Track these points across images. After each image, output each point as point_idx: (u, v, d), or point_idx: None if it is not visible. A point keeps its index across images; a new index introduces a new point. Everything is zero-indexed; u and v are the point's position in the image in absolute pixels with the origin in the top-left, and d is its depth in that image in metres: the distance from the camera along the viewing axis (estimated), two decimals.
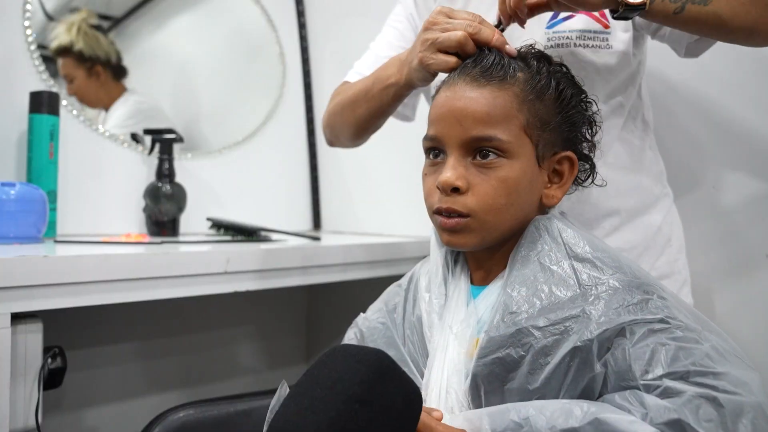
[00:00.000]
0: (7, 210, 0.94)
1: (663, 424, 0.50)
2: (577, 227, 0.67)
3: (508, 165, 0.64)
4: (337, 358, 0.54)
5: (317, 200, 1.66)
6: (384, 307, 0.79)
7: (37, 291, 0.76)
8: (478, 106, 0.64)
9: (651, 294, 0.58)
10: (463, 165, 0.65)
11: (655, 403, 0.51)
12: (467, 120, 0.64)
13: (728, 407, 0.50)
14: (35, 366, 0.80)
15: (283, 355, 1.61)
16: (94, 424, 1.26)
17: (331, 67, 1.63)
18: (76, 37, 1.29)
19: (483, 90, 0.64)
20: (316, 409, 0.50)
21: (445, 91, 0.67)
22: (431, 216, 0.69)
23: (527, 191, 0.66)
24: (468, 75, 0.66)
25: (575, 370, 0.57)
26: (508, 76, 0.65)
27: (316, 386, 0.52)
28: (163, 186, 1.25)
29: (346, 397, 0.50)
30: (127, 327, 1.30)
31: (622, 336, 0.56)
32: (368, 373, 0.52)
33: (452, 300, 0.69)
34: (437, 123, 0.67)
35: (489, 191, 0.64)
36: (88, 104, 1.30)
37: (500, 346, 0.60)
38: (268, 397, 0.90)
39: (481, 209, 0.64)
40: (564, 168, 0.68)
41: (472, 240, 0.66)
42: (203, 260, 0.93)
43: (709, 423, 0.50)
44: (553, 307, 0.59)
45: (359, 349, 0.56)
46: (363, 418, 0.50)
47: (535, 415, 0.54)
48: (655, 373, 0.53)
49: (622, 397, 0.53)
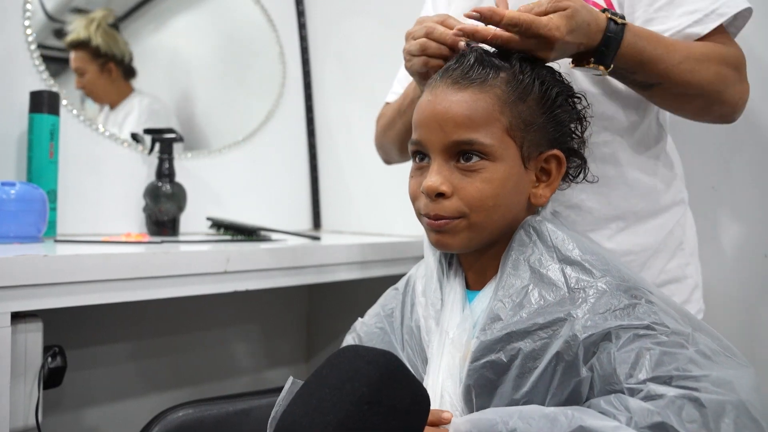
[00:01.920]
0: (8, 209, 0.94)
1: (647, 427, 0.50)
2: (567, 228, 0.66)
3: (492, 167, 0.63)
4: (347, 358, 0.54)
5: (317, 200, 1.66)
6: (381, 312, 0.79)
7: (37, 290, 0.77)
8: (459, 109, 0.63)
9: (639, 299, 0.58)
10: (447, 169, 0.64)
11: (639, 407, 0.51)
12: (448, 124, 0.63)
13: (710, 407, 0.50)
14: (35, 365, 0.80)
15: (283, 354, 1.61)
16: (94, 423, 1.26)
17: (331, 66, 1.63)
18: (95, 33, 1.31)
19: (464, 93, 0.64)
20: (324, 410, 0.50)
21: (427, 94, 0.67)
22: (418, 217, 0.69)
23: (513, 192, 0.65)
24: (449, 77, 0.65)
25: (561, 374, 0.57)
26: (489, 77, 0.64)
27: (325, 386, 0.52)
28: (163, 185, 1.26)
29: (356, 398, 0.50)
30: (127, 326, 1.30)
31: (608, 340, 0.56)
32: (378, 374, 0.52)
33: (448, 304, 0.69)
34: (420, 127, 0.66)
35: (474, 193, 0.63)
36: (95, 99, 1.31)
37: (491, 351, 0.60)
38: (267, 397, 0.91)
39: (469, 210, 0.64)
40: (551, 167, 0.67)
41: (459, 240, 0.66)
42: (203, 260, 0.94)
43: (692, 424, 0.50)
44: (541, 311, 0.60)
45: (368, 350, 0.55)
46: (371, 419, 0.50)
47: (522, 427, 0.54)
48: (638, 377, 0.53)
49: (607, 402, 0.53)
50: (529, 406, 0.56)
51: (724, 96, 0.73)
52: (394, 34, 1.45)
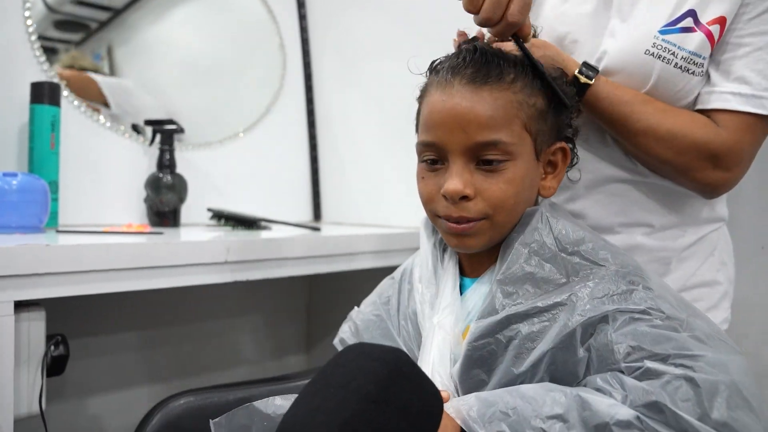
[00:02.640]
0: (10, 200, 0.95)
1: (642, 406, 0.51)
2: (566, 218, 0.67)
3: (513, 166, 0.63)
4: (351, 356, 0.53)
5: (317, 191, 1.67)
6: (378, 300, 0.80)
7: (39, 279, 0.77)
8: (481, 110, 0.61)
9: (636, 284, 0.59)
10: (468, 171, 0.63)
11: (635, 386, 0.52)
12: (471, 125, 0.62)
13: (704, 387, 0.51)
14: (38, 353, 0.81)
15: (283, 344, 1.62)
16: (97, 411, 1.28)
17: (331, 58, 1.63)
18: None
19: (482, 92, 0.62)
20: (328, 409, 0.48)
21: (439, 93, 0.64)
22: (433, 219, 0.68)
23: (529, 187, 0.66)
24: (462, 76, 0.63)
25: (559, 355, 0.58)
26: (504, 73, 0.63)
27: (329, 385, 0.50)
28: (164, 176, 1.26)
29: (361, 396, 0.48)
30: (128, 316, 1.31)
31: (605, 323, 0.57)
32: (386, 371, 0.50)
33: (442, 290, 0.70)
34: (436, 129, 0.64)
35: (498, 194, 0.63)
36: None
37: (490, 332, 0.61)
38: (268, 385, 0.92)
39: (493, 211, 0.63)
40: (557, 158, 0.68)
41: (481, 242, 0.66)
42: (204, 250, 0.94)
43: (686, 403, 0.51)
44: (541, 296, 0.61)
45: (374, 347, 0.54)
46: (378, 418, 0.48)
47: (522, 405, 0.54)
48: (635, 356, 0.54)
49: (603, 380, 0.55)
50: (528, 386, 0.57)
51: (690, 176, 0.74)
52: (395, 26, 1.46)
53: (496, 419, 0.54)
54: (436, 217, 0.67)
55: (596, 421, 0.52)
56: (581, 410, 0.53)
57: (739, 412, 0.51)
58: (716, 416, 0.50)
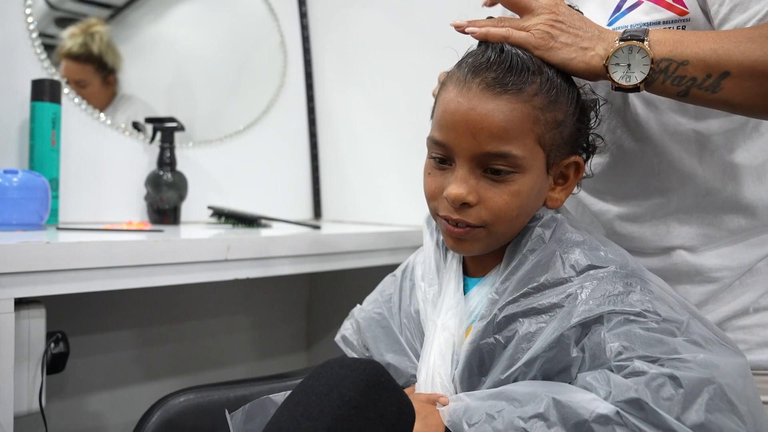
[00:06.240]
0: (10, 197, 0.95)
1: (623, 402, 0.51)
2: (571, 222, 0.67)
3: (521, 179, 0.62)
4: (332, 368, 0.55)
5: (318, 189, 1.67)
6: (380, 298, 0.80)
7: (40, 277, 0.77)
8: (496, 120, 0.60)
9: (633, 286, 0.59)
10: (474, 178, 0.62)
11: (620, 382, 0.52)
12: (482, 134, 0.60)
13: (687, 387, 0.51)
14: (38, 350, 0.81)
15: (283, 342, 1.63)
16: (97, 408, 1.28)
17: (332, 56, 1.63)
18: (105, 49, 1.32)
19: (499, 100, 0.60)
20: (311, 416, 0.50)
21: (456, 93, 0.62)
22: (434, 216, 0.68)
23: (536, 199, 0.65)
24: (483, 79, 0.61)
25: (553, 355, 0.58)
26: (526, 84, 0.61)
27: (311, 394, 0.52)
28: (164, 174, 1.26)
29: (343, 403, 0.50)
30: (128, 313, 1.31)
31: (599, 323, 0.57)
32: (364, 380, 0.52)
33: (445, 290, 0.70)
34: (448, 130, 0.63)
35: (501, 205, 0.62)
36: (94, 106, 1.29)
37: (489, 334, 0.62)
38: (267, 383, 0.92)
39: (493, 221, 0.63)
40: (570, 172, 0.67)
41: (476, 248, 0.66)
42: (204, 248, 0.94)
43: (668, 401, 0.50)
44: (541, 297, 0.61)
45: (353, 360, 0.56)
46: (359, 423, 0.50)
47: (507, 406, 0.55)
48: (626, 355, 0.54)
49: (591, 376, 0.55)
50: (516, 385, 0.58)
51: None
52: (396, 24, 1.45)
53: (481, 421, 0.55)
54: (437, 215, 0.67)
55: (575, 418, 0.52)
56: (560, 408, 0.53)
57: (719, 414, 0.50)
58: (693, 417, 0.50)
